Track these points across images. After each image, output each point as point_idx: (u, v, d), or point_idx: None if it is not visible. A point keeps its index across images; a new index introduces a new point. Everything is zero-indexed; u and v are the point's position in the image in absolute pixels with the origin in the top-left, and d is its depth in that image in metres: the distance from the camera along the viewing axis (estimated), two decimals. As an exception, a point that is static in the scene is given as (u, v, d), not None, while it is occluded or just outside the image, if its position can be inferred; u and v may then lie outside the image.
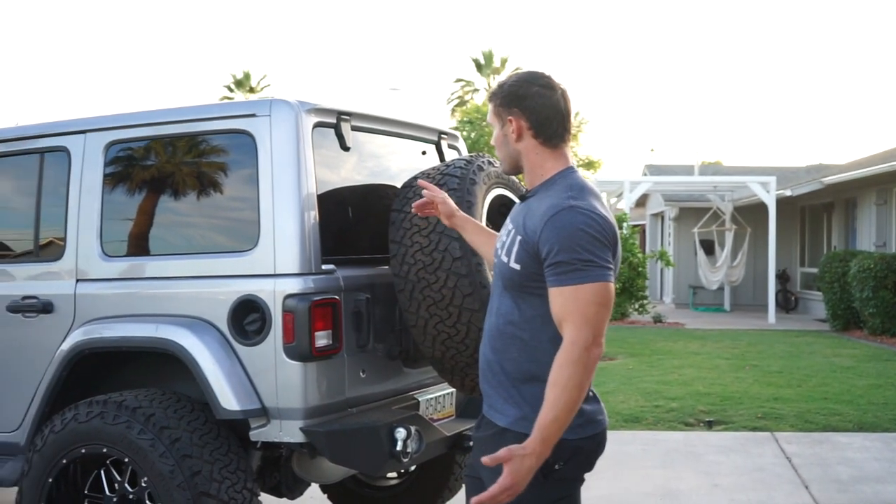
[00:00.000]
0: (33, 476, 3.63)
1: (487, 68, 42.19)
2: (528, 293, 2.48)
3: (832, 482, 5.90)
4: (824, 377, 10.29)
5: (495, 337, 2.55)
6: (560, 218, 2.39)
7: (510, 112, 2.56)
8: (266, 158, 3.54)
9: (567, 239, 2.36)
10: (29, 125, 4.23)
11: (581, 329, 2.32)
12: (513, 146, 2.58)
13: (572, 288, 2.34)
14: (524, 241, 2.46)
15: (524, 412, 2.48)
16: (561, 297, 2.36)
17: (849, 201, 18.63)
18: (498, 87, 2.61)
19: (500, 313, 2.55)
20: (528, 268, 2.45)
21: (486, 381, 2.59)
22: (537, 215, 2.45)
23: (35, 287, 3.97)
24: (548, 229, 2.39)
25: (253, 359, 3.49)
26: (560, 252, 2.35)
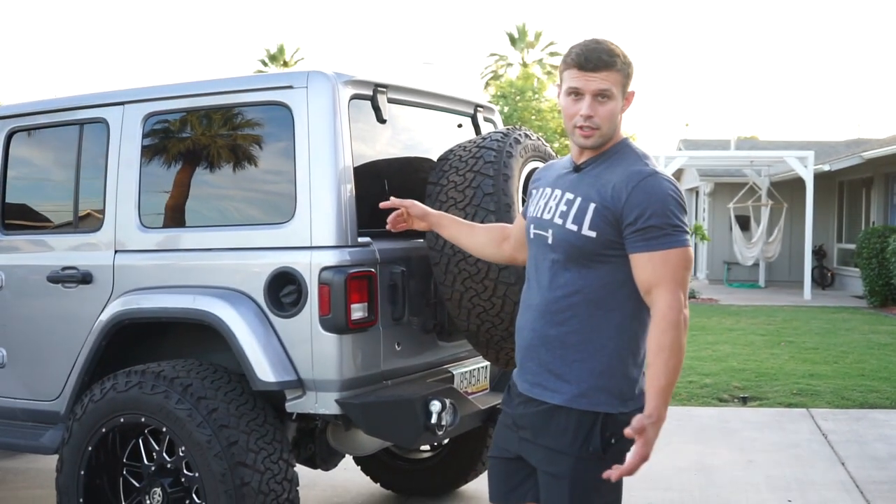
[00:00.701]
0: (73, 444, 3.68)
1: (521, 42, 41.92)
2: (597, 262, 2.45)
3: (869, 459, 5.85)
4: (861, 354, 10.18)
5: (553, 311, 2.50)
6: (649, 184, 2.40)
7: (629, 84, 2.51)
8: (303, 130, 3.54)
9: (658, 203, 2.38)
10: (68, 97, 4.25)
11: (676, 293, 2.36)
12: (619, 119, 2.52)
13: (663, 252, 2.37)
14: (601, 207, 2.43)
15: (581, 389, 2.46)
16: (651, 262, 2.37)
17: (889, 176, 18.33)
18: (621, 55, 2.47)
19: (557, 285, 2.49)
20: (605, 234, 2.43)
21: (535, 358, 2.54)
22: (616, 182, 2.43)
23: (74, 258, 4.00)
24: (637, 194, 2.39)
25: (289, 331, 3.50)
26: (652, 217, 2.37)
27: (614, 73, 2.45)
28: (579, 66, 2.46)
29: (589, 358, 2.47)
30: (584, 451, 2.45)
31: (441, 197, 3.64)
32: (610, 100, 2.47)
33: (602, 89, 2.45)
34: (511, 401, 2.66)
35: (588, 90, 2.46)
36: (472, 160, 3.65)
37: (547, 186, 2.63)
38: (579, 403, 2.46)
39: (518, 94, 29.88)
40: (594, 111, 2.46)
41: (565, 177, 2.59)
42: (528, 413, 2.56)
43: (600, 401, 2.47)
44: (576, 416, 2.46)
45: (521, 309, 2.64)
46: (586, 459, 2.45)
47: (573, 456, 2.46)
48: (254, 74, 3.96)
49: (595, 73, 2.44)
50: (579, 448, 2.46)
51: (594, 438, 2.46)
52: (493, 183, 3.56)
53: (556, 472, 2.49)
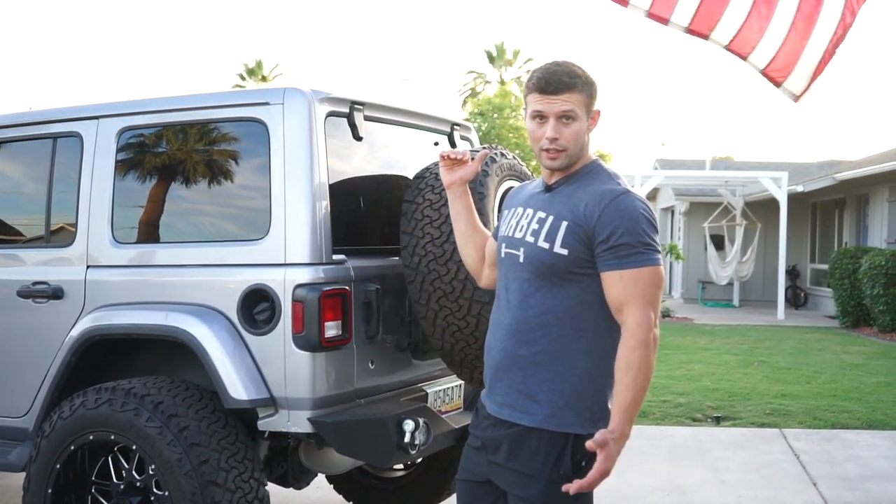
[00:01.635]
0: (41, 462, 3.63)
1: (500, 60, 42.10)
2: (568, 280, 2.45)
3: (840, 479, 5.88)
4: (833, 374, 10.25)
5: (524, 331, 2.49)
6: (621, 202, 2.42)
7: (593, 104, 2.53)
8: (278, 147, 3.53)
9: (631, 222, 2.40)
10: (42, 110, 4.22)
11: (645, 311, 2.37)
12: (585, 139, 2.54)
13: (634, 271, 2.38)
14: (573, 225, 2.44)
15: (552, 410, 2.45)
16: (622, 281, 2.38)
17: (861, 198, 18.53)
18: (583, 76, 2.50)
19: (528, 304, 2.49)
20: (576, 252, 2.43)
21: (505, 379, 2.53)
22: (588, 200, 2.45)
23: (46, 273, 3.96)
24: (609, 213, 2.41)
25: (262, 348, 3.48)
26: (624, 235, 2.39)
27: (576, 94, 2.48)
28: (541, 89, 2.49)
29: (559, 378, 2.46)
30: (555, 475, 2.44)
31: (417, 215, 3.63)
32: (574, 121, 2.49)
33: (565, 111, 2.47)
34: (479, 423, 2.64)
35: (551, 113, 2.48)
36: (448, 179, 3.65)
37: (519, 206, 2.63)
38: (550, 424, 2.45)
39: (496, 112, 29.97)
40: (559, 133, 2.48)
41: (537, 196, 2.60)
42: (497, 436, 2.54)
43: (571, 421, 2.46)
44: (547, 438, 2.46)
45: (490, 328, 2.63)
46: (557, 483, 2.43)
47: (544, 480, 2.45)
48: (229, 90, 3.96)
49: (556, 96, 2.47)
50: (550, 471, 2.44)
51: (565, 461, 2.45)
52: (468, 201, 3.56)
53: (526, 496, 2.47)
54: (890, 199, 16.70)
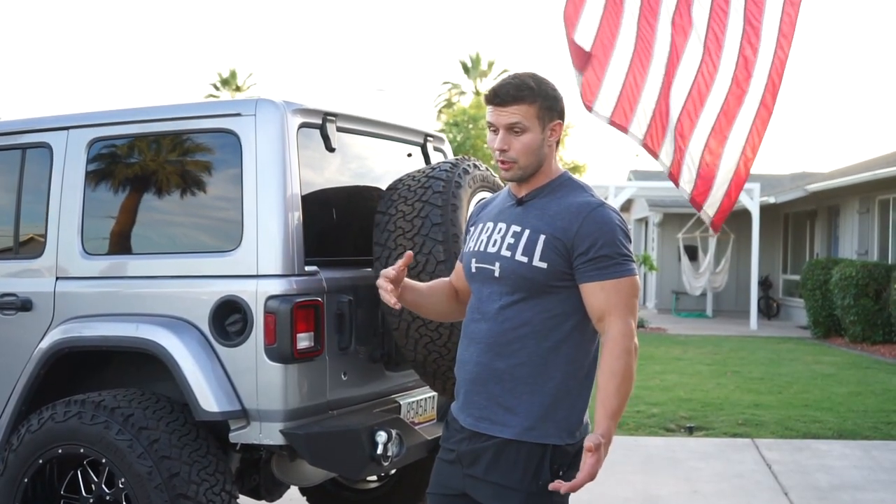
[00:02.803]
0: (9, 476, 3.59)
1: (475, 71, 42.28)
2: (546, 293, 2.47)
3: (811, 489, 5.92)
4: (805, 384, 10.33)
5: (502, 344, 2.49)
6: (598, 214, 2.46)
7: (553, 116, 2.53)
8: (250, 158, 3.52)
9: (609, 234, 2.44)
10: (11, 121, 4.19)
11: (627, 320, 2.42)
12: (544, 150, 2.54)
13: (615, 281, 2.42)
14: (551, 238, 2.46)
15: (531, 422, 2.46)
16: (603, 291, 2.42)
17: (832, 209, 18.73)
18: (538, 87, 2.49)
19: (505, 318, 2.49)
20: (555, 265, 2.45)
21: (482, 392, 2.52)
22: (564, 214, 2.47)
23: (14, 284, 3.92)
24: (588, 225, 2.44)
25: (234, 360, 3.46)
26: (603, 246, 2.42)
27: (524, 105, 2.47)
28: (489, 101, 2.52)
29: (538, 390, 2.47)
30: (534, 486, 2.45)
31: (389, 227, 3.63)
32: (525, 132, 2.49)
33: (511, 123, 2.48)
34: (451, 436, 2.62)
35: (500, 124, 2.50)
36: (421, 190, 3.66)
37: (488, 221, 2.62)
38: (529, 436, 2.46)
39: (471, 122, 30.07)
40: (508, 144, 2.49)
41: (508, 210, 2.60)
42: (474, 449, 2.53)
43: (549, 433, 2.47)
44: (526, 450, 2.46)
45: (463, 342, 2.61)
46: (536, 494, 2.45)
47: (524, 492, 2.45)
48: (201, 101, 3.94)
49: (504, 108, 2.48)
50: (529, 483, 2.45)
51: (544, 472, 2.45)
52: (441, 213, 3.57)
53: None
54: (860, 210, 16.89)
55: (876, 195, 16.23)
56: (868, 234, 16.77)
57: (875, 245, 16.39)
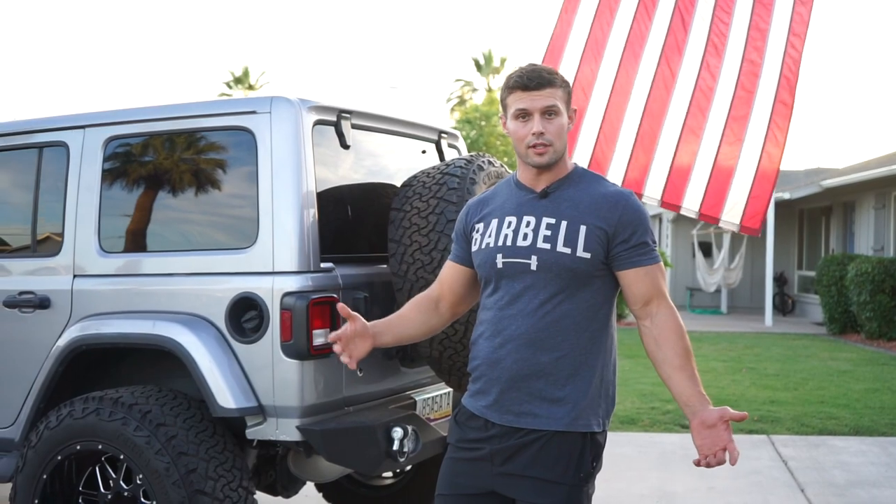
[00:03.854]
0: (27, 472, 3.61)
1: (487, 68, 42.22)
2: (586, 283, 2.50)
3: (828, 486, 5.90)
4: (821, 381, 10.29)
5: (543, 338, 2.48)
6: (634, 203, 2.54)
7: (570, 102, 2.60)
8: (266, 156, 3.53)
9: (645, 222, 2.54)
10: (28, 120, 4.21)
11: (669, 301, 2.55)
12: (566, 137, 2.59)
13: (653, 266, 2.54)
14: (594, 228, 2.49)
15: (577, 412, 2.49)
16: (648, 276, 2.52)
17: (847, 205, 18.64)
18: (556, 73, 2.57)
19: (545, 311, 2.49)
20: (597, 256, 2.50)
21: (523, 388, 2.50)
22: (600, 203, 2.52)
23: (32, 282, 3.95)
24: (628, 213, 2.51)
25: (250, 357, 3.47)
26: (644, 233, 2.52)
27: (557, 89, 2.53)
28: (523, 86, 2.52)
29: (581, 380, 2.50)
30: (577, 478, 2.49)
31: (404, 223, 3.64)
32: (557, 115, 2.53)
33: (549, 105, 2.52)
34: (468, 435, 2.58)
35: (535, 108, 2.51)
36: (436, 186, 3.66)
37: (507, 216, 2.58)
38: (576, 426, 2.49)
39: (484, 120, 30.05)
40: (545, 128, 2.51)
41: (530, 203, 2.57)
42: (512, 445, 2.51)
43: (591, 421, 2.52)
44: (570, 441, 2.49)
45: (493, 341, 2.55)
46: (578, 486, 2.49)
47: (567, 484, 2.48)
48: (217, 99, 3.95)
49: (539, 91, 2.51)
50: (573, 475, 2.48)
51: (585, 462, 2.50)
52: (456, 209, 3.57)
53: (548, 503, 2.49)
54: (876, 206, 16.80)
55: (892, 191, 16.15)
56: (884, 230, 16.68)
57: (891, 241, 16.30)
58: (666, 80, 4.38)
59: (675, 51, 4.38)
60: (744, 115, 4.29)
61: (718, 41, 4.33)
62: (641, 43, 4.43)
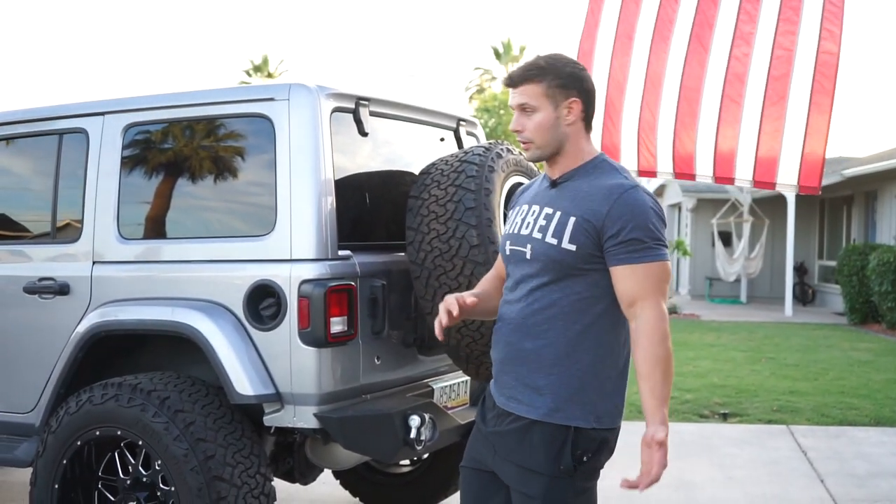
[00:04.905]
0: (48, 457, 3.64)
1: (506, 56, 42.10)
2: (575, 275, 2.46)
3: (848, 476, 5.86)
4: (841, 371, 10.22)
5: (530, 325, 2.50)
6: (630, 197, 2.43)
7: (569, 94, 2.52)
8: (284, 143, 3.52)
9: (640, 217, 2.41)
10: (47, 106, 4.22)
11: (660, 305, 2.40)
12: (563, 129, 2.53)
13: (645, 265, 2.40)
14: (581, 220, 2.44)
15: (557, 403, 2.46)
16: (634, 275, 2.40)
17: (869, 194, 18.47)
18: (548, 66, 2.52)
19: (534, 299, 2.50)
20: (585, 248, 2.44)
21: (511, 372, 2.54)
22: (595, 196, 2.45)
23: (52, 269, 3.97)
24: (618, 208, 2.41)
25: (268, 344, 3.48)
26: (634, 229, 2.40)
27: (533, 85, 2.50)
28: (507, 83, 2.59)
29: (566, 372, 2.47)
30: (556, 470, 2.45)
31: (422, 211, 3.63)
32: (535, 112, 2.51)
33: (521, 103, 2.53)
34: (485, 414, 2.65)
35: (514, 105, 2.55)
36: (454, 174, 3.65)
37: (524, 204, 2.64)
38: (553, 417, 2.46)
39: (502, 108, 29.98)
40: (520, 125, 2.54)
41: (543, 193, 2.61)
42: (501, 430, 2.55)
43: (574, 415, 2.46)
44: (549, 431, 2.46)
45: (497, 324, 2.64)
46: (559, 479, 2.45)
47: (547, 475, 2.46)
48: (235, 86, 3.95)
49: (516, 89, 2.54)
50: (551, 467, 2.45)
51: (566, 455, 2.45)
52: (474, 197, 3.56)
53: (529, 492, 2.48)
54: (898, 195, 16.64)
55: (914, 180, 15.99)
56: (906, 220, 16.54)
57: (913, 230, 16.16)
58: (699, 55, 4.32)
59: (705, 26, 4.32)
60: (785, 73, 4.19)
61: (751, 6, 4.26)
62: (670, 26, 4.38)
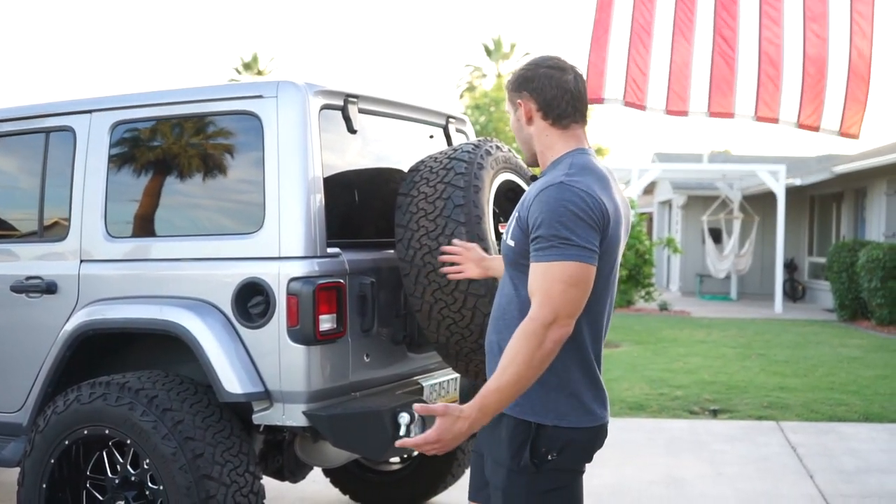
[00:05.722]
0: (35, 457, 3.62)
1: (497, 53, 42.05)
2: (521, 271, 2.45)
3: (837, 472, 5.88)
4: (831, 367, 10.25)
5: (497, 318, 2.54)
6: (548, 193, 2.36)
7: (520, 96, 2.56)
8: (272, 140, 3.51)
9: (550, 214, 2.33)
10: (34, 104, 4.20)
11: (542, 306, 2.29)
12: (525, 130, 2.57)
13: (545, 265, 2.32)
14: (518, 217, 2.47)
15: (521, 397, 2.39)
16: (533, 273, 2.35)
17: (858, 191, 18.53)
18: (512, 74, 2.61)
19: (502, 294, 2.55)
20: (521, 244, 2.44)
21: (490, 364, 2.56)
22: (530, 193, 2.47)
23: (39, 267, 3.95)
24: (536, 205, 2.37)
25: (257, 342, 3.47)
26: (541, 227, 2.33)
27: (509, 93, 2.62)
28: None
29: None
30: (515, 464, 2.42)
31: (412, 208, 3.62)
32: (511, 117, 2.63)
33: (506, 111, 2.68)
34: None
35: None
36: (443, 171, 3.64)
37: None
38: (513, 411, 2.43)
39: (493, 105, 29.98)
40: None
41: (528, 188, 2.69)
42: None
43: (535, 409, 2.42)
44: (511, 425, 2.45)
45: None
46: (518, 473, 2.42)
47: (506, 468, 2.45)
48: (223, 84, 3.94)
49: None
50: (510, 460, 2.43)
51: (525, 451, 2.42)
52: (463, 194, 3.56)
53: (494, 483, 2.50)
54: (888, 192, 16.69)
55: (904, 176, 16.04)
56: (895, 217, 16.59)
57: (902, 227, 16.21)
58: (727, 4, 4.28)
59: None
60: (821, 12, 4.16)
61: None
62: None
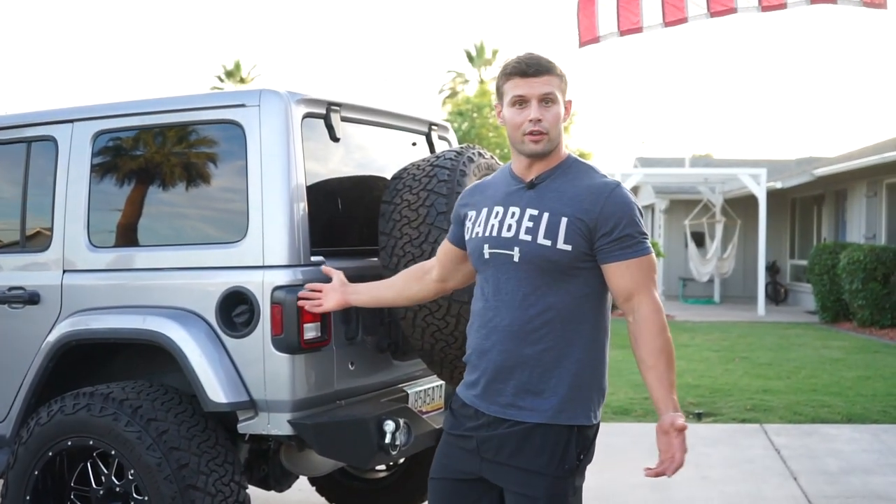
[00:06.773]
0: (19, 468, 3.60)
1: (479, 60, 42.12)
2: (569, 276, 2.48)
3: (821, 474, 5.91)
4: (813, 369, 10.32)
5: (528, 331, 2.50)
6: (619, 195, 2.49)
7: (566, 93, 2.59)
8: (255, 149, 3.51)
9: (630, 213, 2.48)
10: (16, 114, 4.18)
11: (654, 296, 2.49)
12: (561, 127, 2.58)
13: (639, 259, 2.47)
14: (574, 220, 2.46)
15: (561, 405, 2.48)
16: (629, 270, 2.46)
17: (839, 193, 18.66)
18: (553, 64, 2.54)
19: (529, 303, 2.50)
20: (579, 247, 2.47)
21: (508, 380, 2.52)
22: (584, 195, 2.48)
23: (21, 278, 3.93)
24: (610, 206, 2.46)
25: (241, 351, 3.46)
26: (627, 226, 2.46)
27: (555, 77, 2.53)
28: (522, 73, 2.52)
29: (566, 373, 2.50)
30: (561, 470, 2.47)
31: (395, 216, 3.63)
32: (554, 104, 2.53)
33: (546, 93, 2.51)
34: (461, 424, 2.62)
35: (533, 95, 2.51)
36: (426, 178, 3.65)
37: (495, 205, 2.61)
38: (559, 419, 2.48)
39: (476, 111, 30.00)
40: (542, 115, 2.51)
41: (518, 193, 2.59)
42: (498, 435, 2.54)
43: (577, 414, 2.50)
44: (553, 433, 2.48)
45: (481, 332, 2.60)
46: (562, 478, 2.48)
47: (550, 476, 2.48)
48: (206, 93, 3.94)
49: (538, 78, 2.51)
50: (556, 467, 2.47)
51: (570, 455, 2.48)
52: (446, 202, 3.57)
53: (531, 493, 2.49)
54: (868, 194, 16.82)
55: (884, 179, 16.16)
56: (876, 218, 16.71)
57: (883, 229, 16.33)
58: None
59: None
60: None
61: None
62: None
